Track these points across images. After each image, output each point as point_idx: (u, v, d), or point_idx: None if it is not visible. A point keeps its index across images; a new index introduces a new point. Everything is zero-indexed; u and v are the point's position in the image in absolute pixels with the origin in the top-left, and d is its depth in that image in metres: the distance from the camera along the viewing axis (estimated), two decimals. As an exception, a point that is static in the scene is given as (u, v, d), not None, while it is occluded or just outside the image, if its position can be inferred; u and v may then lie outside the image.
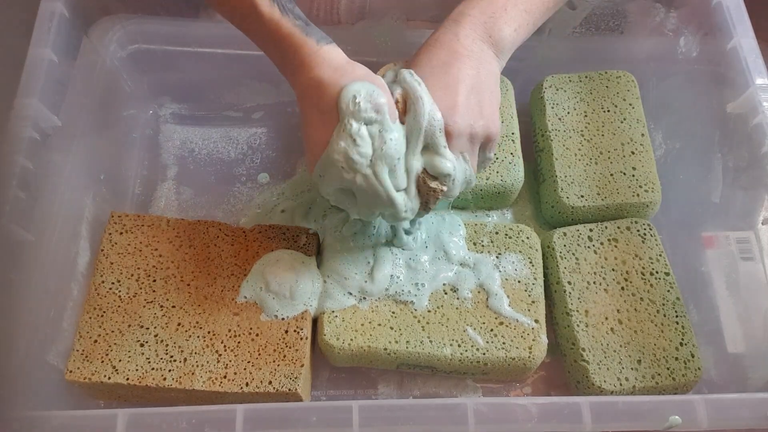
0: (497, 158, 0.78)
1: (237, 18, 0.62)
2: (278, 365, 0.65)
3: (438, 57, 0.62)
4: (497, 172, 0.77)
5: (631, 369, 0.68)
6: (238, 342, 0.66)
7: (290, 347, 0.66)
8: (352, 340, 0.67)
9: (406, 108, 0.60)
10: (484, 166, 0.67)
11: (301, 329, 0.67)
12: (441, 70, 0.61)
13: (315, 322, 0.69)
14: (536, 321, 0.69)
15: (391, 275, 0.70)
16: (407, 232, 0.72)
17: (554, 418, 0.57)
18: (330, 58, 0.59)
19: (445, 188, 0.62)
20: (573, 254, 0.74)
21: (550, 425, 0.57)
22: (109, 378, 0.64)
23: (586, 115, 0.82)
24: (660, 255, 0.74)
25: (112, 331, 0.66)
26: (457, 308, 0.69)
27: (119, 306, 0.67)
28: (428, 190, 0.61)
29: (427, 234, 0.73)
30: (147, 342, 0.66)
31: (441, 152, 0.60)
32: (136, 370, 0.64)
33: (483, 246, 0.73)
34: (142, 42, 0.81)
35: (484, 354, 0.67)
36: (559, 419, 0.57)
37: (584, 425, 0.57)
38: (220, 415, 0.56)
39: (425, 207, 0.63)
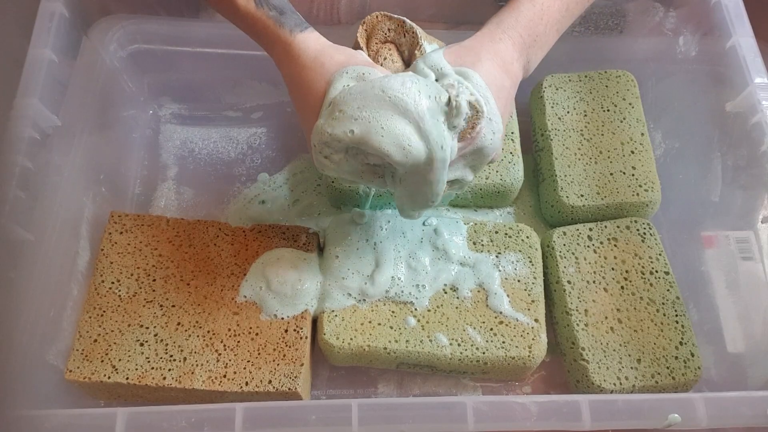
0: (497, 158, 0.78)
1: (224, 13, 0.61)
2: (278, 364, 0.65)
3: (501, 78, 0.59)
4: (497, 172, 0.77)
5: (631, 368, 0.68)
6: (238, 341, 0.66)
7: (290, 346, 0.66)
8: (351, 339, 0.67)
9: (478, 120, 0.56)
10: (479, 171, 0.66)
11: (301, 328, 0.67)
12: (502, 95, 0.58)
13: (315, 321, 0.69)
14: (536, 320, 0.69)
15: (392, 276, 0.70)
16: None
17: (554, 416, 0.57)
18: (306, 47, 0.58)
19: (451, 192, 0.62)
20: (573, 253, 0.74)
21: (550, 423, 0.58)
22: (109, 377, 0.64)
23: (585, 115, 0.82)
24: (660, 254, 0.74)
25: (112, 331, 0.66)
26: (456, 307, 0.69)
27: (119, 305, 0.67)
28: None
29: (427, 232, 0.73)
30: (147, 341, 0.66)
31: (478, 172, 0.60)
32: (136, 369, 0.64)
33: (483, 245, 0.73)
34: (142, 42, 0.81)
35: (483, 353, 0.67)
36: (558, 417, 0.57)
37: (583, 423, 0.57)
38: (219, 413, 0.56)
39: None
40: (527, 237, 0.74)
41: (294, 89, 0.59)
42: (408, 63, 0.63)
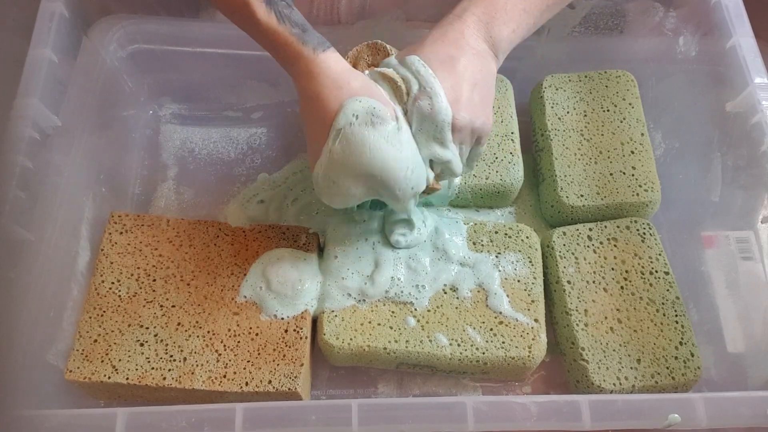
0: (497, 158, 0.78)
1: (238, 21, 0.62)
2: (278, 365, 0.65)
3: (445, 51, 0.62)
4: (497, 172, 0.78)
5: (631, 368, 0.68)
6: (238, 341, 0.66)
7: (290, 347, 0.66)
8: (351, 339, 0.67)
9: (410, 96, 0.61)
10: (475, 160, 0.68)
11: (301, 329, 0.67)
12: (449, 65, 0.61)
13: (315, 321, 0.69)
14: (536, 320, 0.69)
15: (392, 277, 0.70)
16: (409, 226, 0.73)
17: (554, 416, 0.57)
18: (327, 66, 0.60)
19: (439, 182, 0.64)
20: (572, 254, 0.74)
21: (550, 423, 0.57)
22: (109, 378, 0.64)
23: (585, 115, 0.82)
24: (659, 254, 0.74)
25: (112, 331, 0.66)
26: (456, 308, 0.69)
27: (119, 306, 0.67)
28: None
29: (428, 232, 0.73)
30: (147, 341, 0.66)
31: (446, 144, 0.62)
32: (136, 369, 0.64)
33: (483, 245, 0.73)
34: (142, 42, 0.81)
35: (483, 353, 0.67)
36: (558, 417, 0.57)
37: (583, 423, 0.57)
38: (219, 413, 0.56)
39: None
40: (527, 237, 0.74)
41: (308, 104, 0.61)
42: None
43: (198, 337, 0.66)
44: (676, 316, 0.71)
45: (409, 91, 0.61)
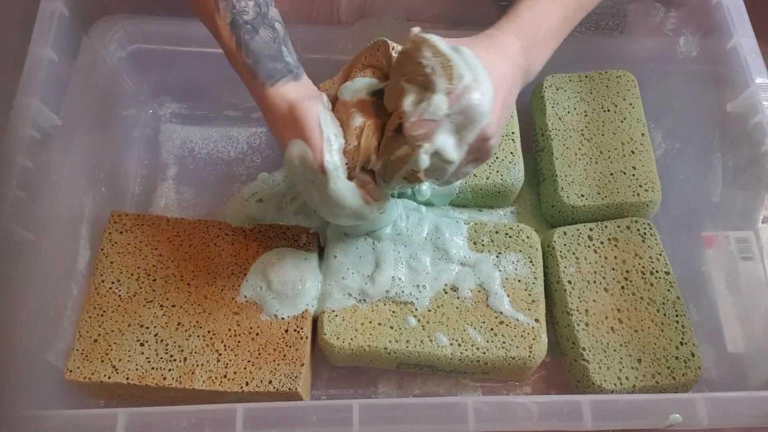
0: (497, 157, 0.78)
1: (210, 31, 0.61)
2: (278, 365, 0.65)
3: (492, 61, 0.58)
4: (497, 171, 0.77)
5: (632, 368, 0.68)
6: (238, 341, 0.66)
7: (290, 347, 0.66)
8: (352, 339, 0.67)
9: (459, 81, 0.55)
10: (458, 179, 0.63)
11: (301, 328, 0.67)
12: (492, 72, 0.58)
13: (315, 321, 0.69)
14: (536, 320, 0.69)
15: (392, 276, 0.70)
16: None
17: (555, 416, 0.57)
18: (272, 103, 0.59)
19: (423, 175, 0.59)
20: (573, 253, 0.74)
21: (551, 424, 0.57)
22: (109, 378, 0.63)
23: (586, 115, 0.82)
24: (660, 254, 0.74)
25: (112, 331, 0.66)
26: (457, 307, 0.69)
27: (119, 305, 0.67)
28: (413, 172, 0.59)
29: (428, 232, 0.73)
30: (147, 341, 0.66)
31: (462, 145, 0.57)
32: (136, 369, 0.64)
33: (483, 245, 0.73)
34: (142, 42, 0.80)
35: (484, 353, 0.67)
36: (559, 418, 0.57)
37: (584, 423, 0.57)
38: (220, 414, 0.56)
39: (389, 180, 0.61)
40: (527, 237, 0.74)
41: (270, 130, 0.61)
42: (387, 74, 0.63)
43: (198, 336, 0.66)
44: (677, 316, 0.71)
45: (460, 78, 0.55)
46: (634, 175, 0.78)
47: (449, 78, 0.55)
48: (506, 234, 0.74)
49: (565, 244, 0.74)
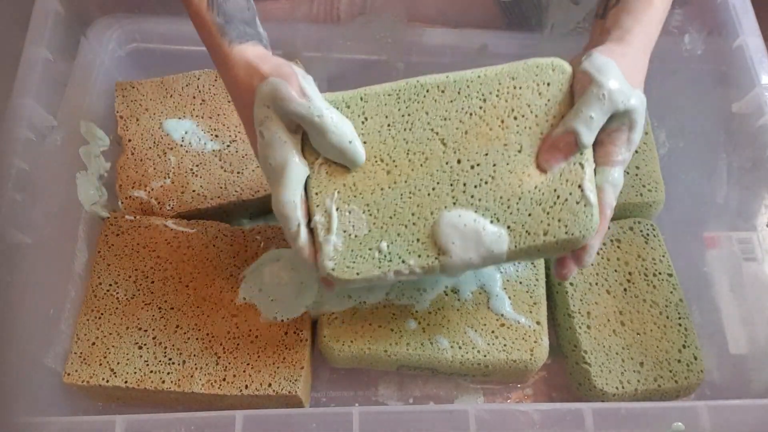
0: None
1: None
2: (278, 367, 0.64)
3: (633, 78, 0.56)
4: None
5: (634, 371, 0.67)
6: (237, 344, 0.65)
7: (290, 349, 0.65)
8: (352, 341, 0.66)
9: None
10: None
11: (301, 331, 0.66)
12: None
13: (314, 323, 0.69)
14: (538, 323, 0.68)
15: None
16: None
17: (557, 424, 0.57)
18: (240, 57, 0.56)
19: None
20: (575, 255, 0.73)
21: (553, 431, 0.57)
22: (107, 381, 0.63)
23: (588, 114, 0.81)
24: (663, 256, 0.73)
25: (110, 334, 0.65)
26: (457, 310, 0.69)
27: (117, 308, 0.67)
28: None
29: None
30: (145, 344, 0.65)
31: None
32: (135, 372, 0.64)
33: (484, 246, 0.72)
34: (140, 41, 0.80)
35: (485, 356, 0.66)
36: (561, 426, 0.57)
37: (586, 431, 0.57)
38: (219, 420, 0.56)
39: None
40: (529, 238, 0.73)
41: (232, 98, 0.58)
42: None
43: (197, 339, 0.66)
44: (680, 318, 0.70)
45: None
46: (637, 175, 0.77)
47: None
48: (508, 235, 0.73)
49: (567, 246, 0.74)
